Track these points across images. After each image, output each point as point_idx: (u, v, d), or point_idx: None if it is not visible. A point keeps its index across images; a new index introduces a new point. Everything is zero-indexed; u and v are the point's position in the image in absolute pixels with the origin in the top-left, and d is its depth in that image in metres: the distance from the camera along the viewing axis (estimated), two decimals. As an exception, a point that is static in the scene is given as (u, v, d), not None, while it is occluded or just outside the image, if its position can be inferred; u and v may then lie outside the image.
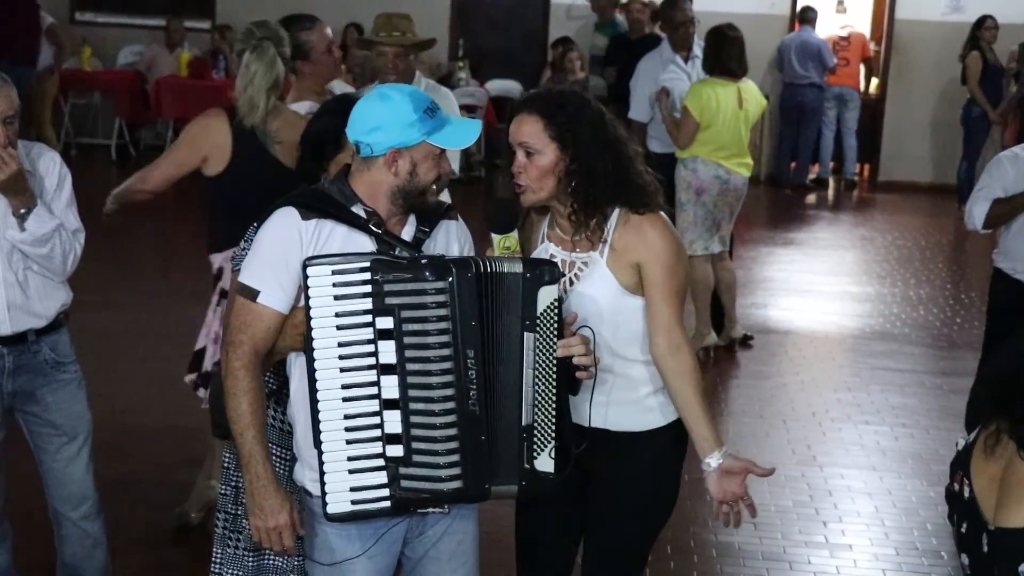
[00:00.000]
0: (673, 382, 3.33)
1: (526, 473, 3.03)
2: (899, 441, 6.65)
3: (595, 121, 3.32)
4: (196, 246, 10.57)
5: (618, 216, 3.33)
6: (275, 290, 3.03)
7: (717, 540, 5.38)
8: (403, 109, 3.03)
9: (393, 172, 3.06)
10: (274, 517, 3.02)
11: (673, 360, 3.32)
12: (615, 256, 3.32)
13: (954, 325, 9.02)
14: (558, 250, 3.39)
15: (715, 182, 7.70)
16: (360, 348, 2.95)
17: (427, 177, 3.07)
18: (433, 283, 2.96)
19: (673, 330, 3.32)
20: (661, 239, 3.32)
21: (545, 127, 3.28)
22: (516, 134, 3.32)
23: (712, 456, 3.32)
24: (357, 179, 3.12)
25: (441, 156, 3.09)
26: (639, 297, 3.34)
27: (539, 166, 3.29)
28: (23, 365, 3.95)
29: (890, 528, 5.61)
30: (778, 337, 8.52)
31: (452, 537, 3.25)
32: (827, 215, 13.43)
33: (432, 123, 3.05)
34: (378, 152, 3.05)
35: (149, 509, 5.38)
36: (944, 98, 14.06)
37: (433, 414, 2.96)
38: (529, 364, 3.03)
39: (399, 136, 3.03)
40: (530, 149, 3.29)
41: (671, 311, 3.32)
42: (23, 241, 3.82)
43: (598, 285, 3.32)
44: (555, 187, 3.31)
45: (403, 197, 3.08)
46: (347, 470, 2.96)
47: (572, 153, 3.28)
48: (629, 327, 3.36)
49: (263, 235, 3.10)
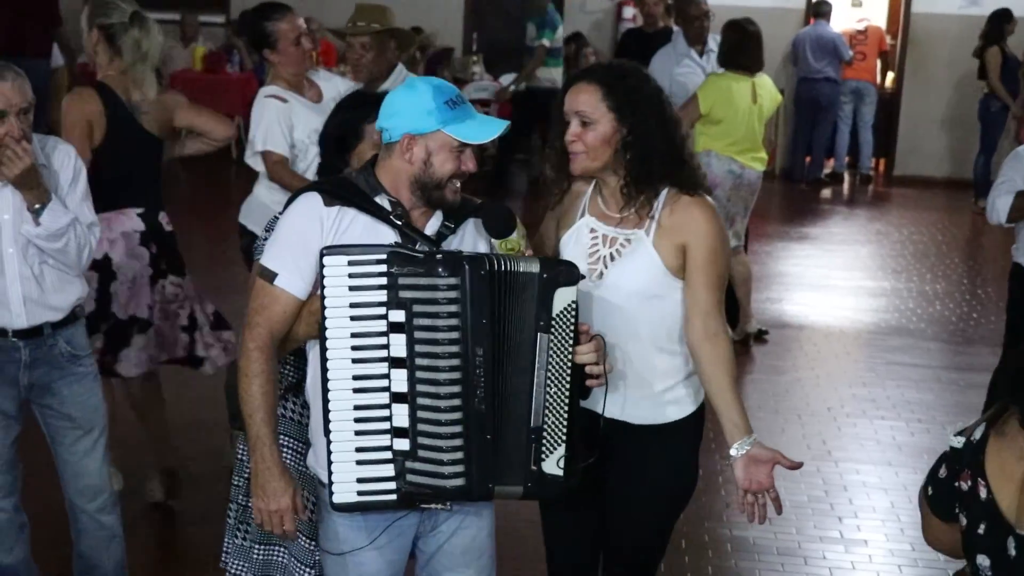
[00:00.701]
0: (707, 368, 3.34)
1: (532, 475, 3.02)
2: (915, 436, 6.63)
3: (653, 97, 3.33)
4: (209, 237, 10.62)
5: (667, 195, 3.33)
6: (293, 274, 3.03)
7: (732, 535, 5.37)
8: (423, 97, 3.03)
9: (408, 159, 3.06)
10: (276, 500, 3.01)
11: (709, 345, 3.33)
12: (661, 235, 3.31)
13: (970, 320, 8.99)
14: (600, 224, 3.38)
15: (729, 176, 7.68)
16: (372, 340, 2.95)
17: (442, 169, 3.05)
18: (445, 279, 2.95)
19: (712, 316, 3.33)
20: (709, 223, 3.32)
21: (604, 97, 3.28)
22: (573, 103, 3.31)
23: (740, 442, 3.32)
24: (381, 168, 3.13)
25: (462, 152, 3.07)
26: (680, 280, 3.34)
27: (595, 135, 3.29)
28: (39, 358, 3.97)
29: (905, 524, 5.59)
30: (793, 332, 8.50)
31: (466, 532, 3.25)
32: (842, 210, 13.38)
33: (451, 114, 3.04)
34: (395, 138, 3.06)
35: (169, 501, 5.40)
36: (960, 92, 13.99)
37: (439, 410, 2.95)
38: (542, 366, 3.01)
39: (415, 123, 3.03)
40: (587, 118, 3.29)
41: (711, 297, 3.32)
42: (38, 236, 3.83)
43: (641, 263, 3.31)
44: (610, 158, 3.31)
45: (420, 188, 3.07)
46: (355, 461, 2.97)
47: (630, 125, 3.28)
48: (664, 309, 3.35)
49: (285, 219, 3.11)
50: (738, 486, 3.37)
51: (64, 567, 4.36)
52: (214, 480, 5.61)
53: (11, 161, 3.74)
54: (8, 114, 3.74)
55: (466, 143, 3.06)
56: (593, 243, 3.37)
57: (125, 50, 4.86)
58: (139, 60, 4.86)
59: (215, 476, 5.63)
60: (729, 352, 3.36)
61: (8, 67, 3.83)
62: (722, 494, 5.65)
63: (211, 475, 5.66)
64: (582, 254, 3.35)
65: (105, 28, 4.90)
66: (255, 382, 3.02)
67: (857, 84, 14.00)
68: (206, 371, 5.31)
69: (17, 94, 3.76)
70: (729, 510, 5.55)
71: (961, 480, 2.92)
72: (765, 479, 3.33)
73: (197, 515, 5.29)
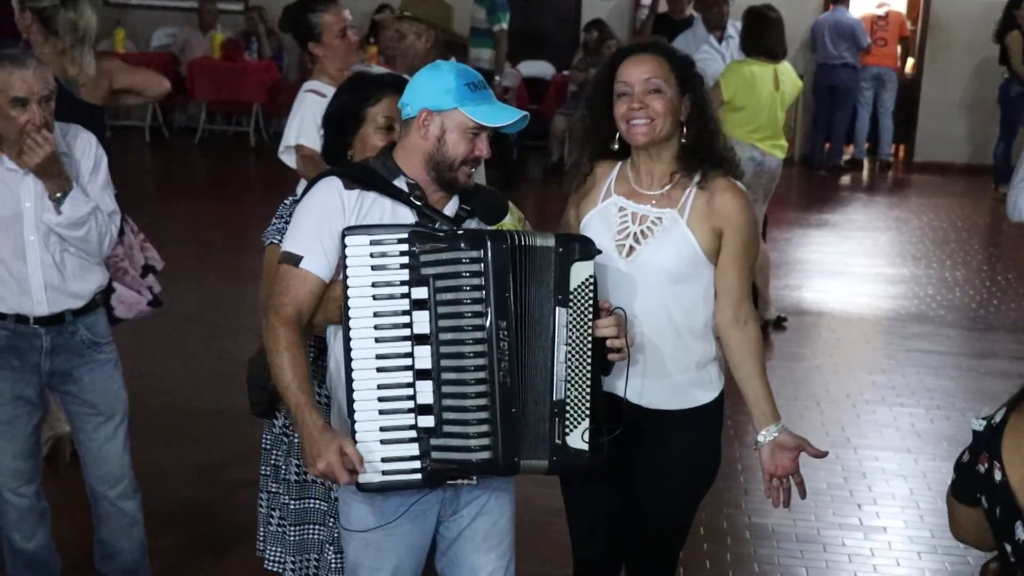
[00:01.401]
0: (736, 354, 3.38)
1: (557, 449, 3.02)
2: (934, 423, 6.62)
3: (699, 76, 3.40)
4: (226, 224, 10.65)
5: (705, 175, 3.34)
6: (319, 255, 3.04)
7: (751, 522, 5.37)
8: (446, 76, 3.07)
9: (423, 135, 3.07)
10: (323, 459, 2.95)
11: (739, 332, 3.37)
12: (697, 216, 3.32)
13: (990, 307, 8.95)
14: (629, 203, 3.38)
15: (750, 163, 7.65)
16: (395, 319, 2.96)
17: (455, 149, 3.06)
18: (467, 252, 2.96)
19: (743, 302, 3.37)
20: (744, 212, 3.35)
21: (671, 68, 3.31)
22: (638, 73, 3.30)
23: (768, 429, 3.35)
24: (399, 149, 3.15)
25: (477, 136, 3.08)
26: (712, 264, 3.35)
27: (664, 103, 3.29)
28: (60, 345, 3.98)
29: (925, 510, 5.58)
30: (812, 319, 8.49)
31: (487, 517, 3.25)
32: (862, 196, 13.34)
33: (471, 96, 3.05)
34: (413, 113, 3.09)
35: (188, 488, 5.42)
36: (981, 78, 13.93)
37: (465, 383, 2.96)
38: (562, 340, 3.02)
39: (434, 99, 3.06)
40: (657, 87, 3.29)
41: (742, 283, 3.36)
42: (59, 224, 3.84)
43: (674, 243, 3.32)
44: (672, 128, 3.32)
45: (434, 168, 3.08)
46: (379, 440, 2.97)
47: (692, 98, 3.33)
48: (695, 291, 3.36)
49: (306, 203, 3.12)
50: (764, 471, 3.40)
51: (85, 553, 4.38)
52: (237, 466, 5.64)
53: (32, 149, 3.75)
54: (30, 102, 3.75)
55: (481, 127, 3.07)
56: (622, 221, 3.37)
57: (62, 32, 4.81)
58: (77, 42, 4.82)
59: (237, 462, 5.66)
60: (758, 339, 3.40)
61: (30, 55, 3.85)
62: (741, 481, 5.64)
63: (234, 461, 5.69)
64: (609, 232, 3.35)
65: (38, 11, 4.86)
66: (285, 355, 3.00)
67: (878, 70, 13.94)
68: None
69: (39, 82, 3.77)
70: (748, 497, 5.54)
71: (980, 463, 2.92)
72: (790, 464, 3.37)
73: (219, 502, 5.32)
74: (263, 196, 11.58)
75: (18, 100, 3.75)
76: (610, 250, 3.32)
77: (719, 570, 5.00)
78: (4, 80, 3.74)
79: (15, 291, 3.93)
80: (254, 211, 11.28)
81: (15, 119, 3.76)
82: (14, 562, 4.26)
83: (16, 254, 3.90)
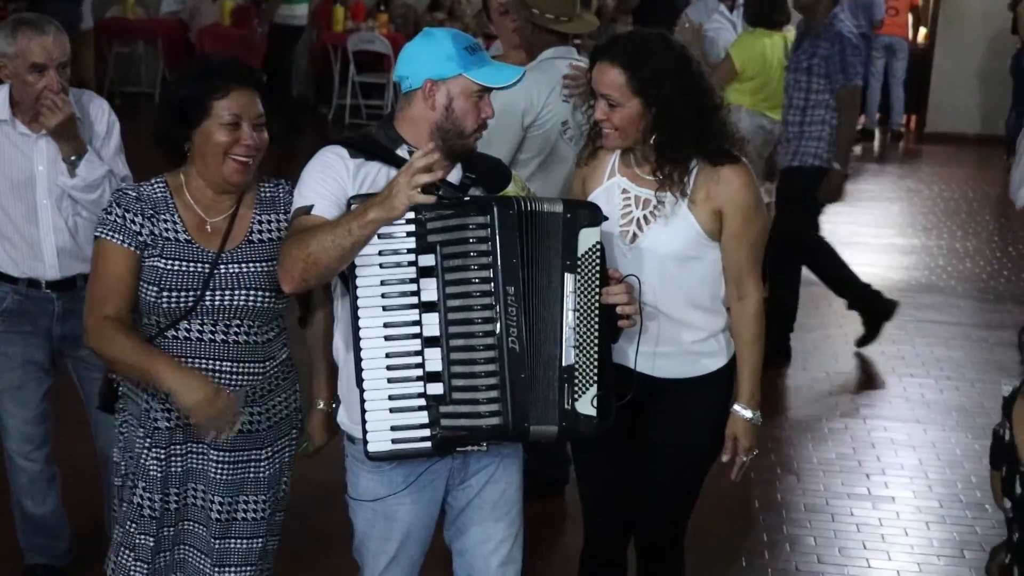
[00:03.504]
0: (735, 326, 3.43)
1: (566, 414, 3.01)
2: (944, 394, 6.62)
3: (679, 71, 3.28)
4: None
5: (699, 166, 3.32)
6: (329, 203, 3.00)
7: (759, 492, 5.38)
8: (443, 43, 3.05)
9: (430, 105, 3.05)
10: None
11: (735, 307, 3.41)
12: (696, 200, 3.31)
13: (1000, 278, 8.93)
14: (632, 185, 3.38)
15: (759, 132, 7.63)
16: (402, 287, 2.95)
17: (465, 116, 3.05)
18: (474, 218, 2.95)
19: (744, 278, 3.38)
20: (742, 188, 3.32)
21: (628, 80, 3.25)
22: (598, 84, 3.30)
23: (740, 405, 3.43)
24: (401, 119, 3.13)
25: (481, 99, 3.07)
26: (717, 242, 3.35)
27: (622, 116, 3.28)
28: (71, 310, 3.99)
29: (934, 481, 5.59)
30: (822, 289, 8.45)
31: (495, 486, 3.25)
32: (873, 167, 13.29)
33: (472, 59, 3.04)
34: (416, 85, 3.06)
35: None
36: (993, 48, 13.85)
37: (474, 350, 2.96)
38: (570, 306, 3.02)
39: (436, 68, 3.03)
40: (613, 101, 3.27)
41: (744, 259, 3.36)
42: (74, 187, 3.85)
43: (677, 227, 3.31)
44: (640, 135, 3.30)
45: (442, 137, 3.06)
46: (388, 409, 2.97)
47: (656, 108, 3.26)
48: (702, 270, 3.37)
49: (309, 167, 3.10)
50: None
51: (95, 519, 4.39)
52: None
53: (50, 112, 3.76)
54: (48, 67, 3.78)
55: (485, 89, 3.06)
56: (625, 204, 3.36)
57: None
58: None
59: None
60: (754, 315, 3.41)
61: (49, 21, 3.85)
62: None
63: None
64: (614, 214, 3.34)
65: None
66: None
67: (889, 39, 13.86)
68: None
69: (57, 48, 3.79)
70: (756, 467, 5.55)
71: (1002, 427, 3.04)
72: (741, 443, 3.47)
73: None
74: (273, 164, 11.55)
75: (36, 66, 3.77)
76: (614, 235, 3.32)
77: (728, 540, 5.01)
78: (24, 46, 3.76)
79: (27, 255, 3.94)
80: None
81: (32, 84, 3.78)
82: (24, 527, 4.28)
83: (29, 218, 3.92)
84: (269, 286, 3.20)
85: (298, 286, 2.96)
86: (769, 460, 5.65)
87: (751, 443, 3.46)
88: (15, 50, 3.78)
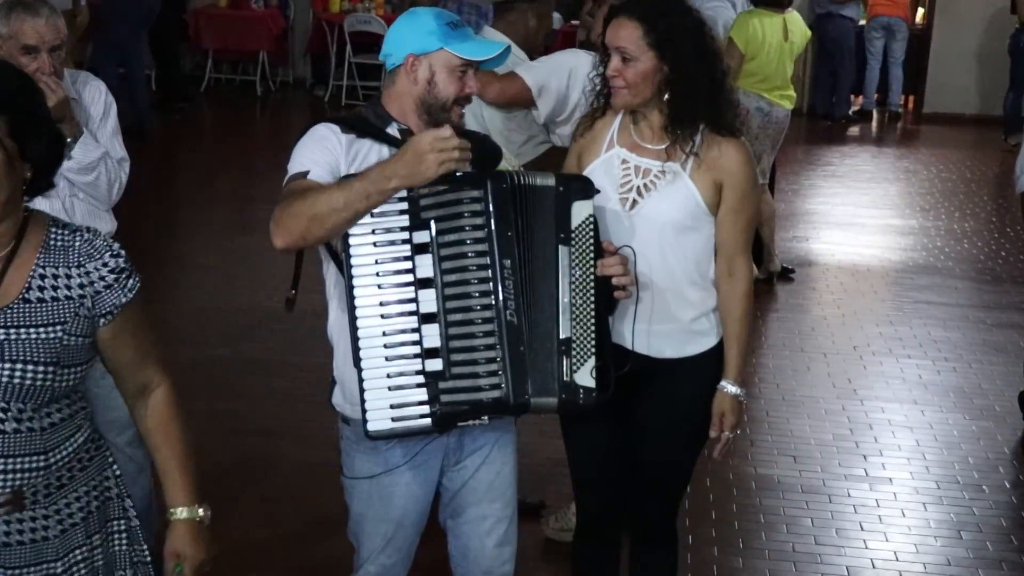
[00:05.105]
0: (723, 305, 3.44)
1: (566, 386, 3.01)
2: (941, 375, 6.62)
3: (695, 30, 3.32)
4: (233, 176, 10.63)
5: (705, 132, 3.33)
6: (324, 171, 2.99)
7: (756, 473, 5.39)
8: (425, 19, 3.07)
9: (412, 80, 3.07)
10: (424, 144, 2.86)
11: (725, 284, 3.42)
12: (699, 170, 3.33)
13: (998, 259, 8.93)
14: (632, 155, 3.39)
15: (757, 114, 7.62)
16: (397, 264, 2.95)
17: (446, 89, 3.06)
18: (468, 192, 2.95)
19: (736, 256, 3.41)
20: (743, 166, 3.35)
21: (645, 34, 3.27)
22: (614, 38, 3.31)
23: (727, 382, 3.45)
24: (387, 97, 3.14)
25: (465, 73, 3.07)
26: (713, 216, 3.37)
27: (636, 72, 3.29)
28: (68, 293, 3.97)
29: (931, 462, 5.59)
30: (819, 270, 8.48)
31: (490, 467, 3.26)
32: (871, 147, 13.28)
33: (453, 34, 3.05)
34: (399, 61, 3.08)
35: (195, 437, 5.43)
36: (991, 28, 13.82)
37: (472, 323, 2.95)
38: (566, 278, 3.02)
39: (418, 43, 3.05)
40: (627, 55, 3.28)
41: (737, 237, 3.39)
42: (70, 169, 3.84)
43: (678, 194, 3.33)
44: (651, 94, 3.31)
45: (427, 111, 3.07)
46: (387, 387, 2.96)
47: (671, 63, 3.28)
48: (696, 243, 3.38)
49: (302, 141, 3.08)
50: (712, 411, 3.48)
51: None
52: (243, 414, 5.66)
53: (43, 94, 3.74)
54: (40, 50, 3.77)
55: (468, 63, 3.06)
56: (625, 173, 3.37)
57: None
58: None
59: (244, 409, 5.68)
60: (743, 293, 3.43)
61: (43, 3, 3.85)
62: (747, 432, 5.65)
63: (241, 408, 5.71)
64: (612, 184, 3.35)
65: None
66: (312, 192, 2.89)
67: (888, 20, 13.83)
68: None
69: (50, 31, 3.78)
70: (754, 448, 5.56)
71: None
72: (727, 419, 3.47)
73: (226, 450, 5.33)
74: (269, 145, 11.57)
75: (28, 48, 3.77)
76: (613, 202, 3.32)
77: (725, 521, 5.01)
78: (16, 28, 3.77)
79: (23, 238, 3.92)
80: (261, 161, 11.30)
81: (25, 66, 3.76)
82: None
83: (24, 199, 3.90)
84: (49, 358, 2.48)
85: (295, 243, 2.91)
86: (767, 441, 5.65)
87: (738, 419, 3.48)
88: (8, 31, 3.78)
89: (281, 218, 2.89)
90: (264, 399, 5.95)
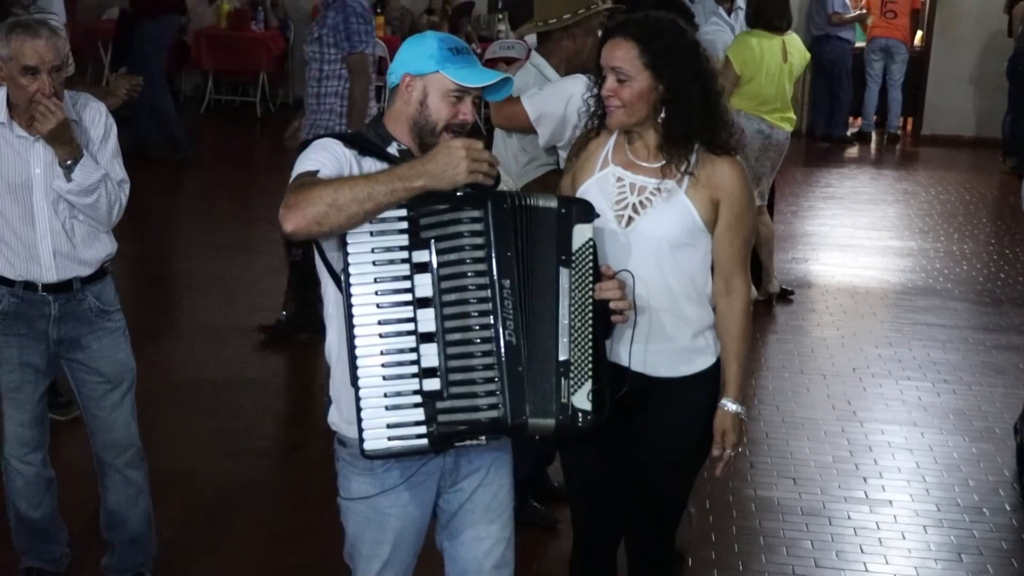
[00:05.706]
0: (721, 322, 3.45)
1: (563, 408, 3.00)
2: (941, 397, 6.61)
3: (690, 50, 3.34)
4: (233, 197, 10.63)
5: (700, 152, 3.34)
6: (332, 172, 2.98)
7: (756, 495, 5.37)
8: (428, 43, 3.07)
9: (406, 100, 3.08)
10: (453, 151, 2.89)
11: (723, 302, 3.43)
12: (696, 187, 3.33)
13: (997, 280, 8.93)
14: (627, 174, 3.39)
15: (757, 136, 7.63)
16: (396, 284, 2.94)
17: (438, 113, 3.05)
18: (468, 212, 2.94)
19: (734, 274, 3.41)
20: (740, 184, 3.37)
21: (640, 54, 3.29)
22: (609, 58, 3.32)
23: (728, 400, 3.44)
24: (388, 117, 3.15)
25: (460, 100, 3.07)
26: (710, 234, 3.38)
27: (632, 92, 3.30)
28: (68, 313, 3.99)
29: (931, 484, 5.58)
30: (819, 292, 8.48)
31: (487, 489, 3.25)
32: (869, 169, 13.30)
33: (453, 59, 3.05)
34: (396, 80, 3.09)
35: (193, 458, 5.43)
36: (989, 50, 13.86)
37: (471, 343, 2.94)
38: (565, 300, 3.02)
39: (416, 64, 3.06)
40: (623, 75, 3.30)
41: (734, 255, 3.39)
42: (69, 191, 3.86)
43: (674, 212, 3.33)
44: (646, 113, 3.33)
45: (418, 132, 3.07)
46: (384, 406, 2.95)
47: (666, 82, 3.29)
48: (692, 260, 3.38)
49: (307, 150, 3.06)
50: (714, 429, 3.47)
51: (91, 523, 4.39)
52: (243, 435, 5.65)
53: (44, 116, 3.77)
54: (40, 71, 3.78)
55: (464, 91, 3.05)
56: (620, 191, 3.38)
57: None
58: None
59: (243, 430, 5.67)
60: (741, 311, 3.44)
61: (44, 24, 3.86)
62: (747, 454, 5.64)
63: (240, 429, 5.70)
64: (608, 201, 3.36)
65: None
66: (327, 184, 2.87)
67: (887, 42, 13.87)
68: None
69: (50, 51, 3.79)
70: (753, 471, 5.54)
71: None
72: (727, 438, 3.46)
73: (225, 471, 5.32)
74: (269, 166, 11.57)
75: (29, 69, 3.78)
76: (609, 220, 3.33)
77: (724, 543, 5.00)
78: (16, 49, 3.78)
79: (24, 257, 3.95)
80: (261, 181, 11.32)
81: (25, 87, 3.79)
82: (20, 530, 4.27)
83: (25, 220, 3.92)
84: None
85: (308, 228, 2.86)
86: (766, 463, 5.64)
87: (738, 438, 3.47)
88: (8, 52, 3.79)
89: (297, 202, 2.86)
90: (262, 419, 5.94)
